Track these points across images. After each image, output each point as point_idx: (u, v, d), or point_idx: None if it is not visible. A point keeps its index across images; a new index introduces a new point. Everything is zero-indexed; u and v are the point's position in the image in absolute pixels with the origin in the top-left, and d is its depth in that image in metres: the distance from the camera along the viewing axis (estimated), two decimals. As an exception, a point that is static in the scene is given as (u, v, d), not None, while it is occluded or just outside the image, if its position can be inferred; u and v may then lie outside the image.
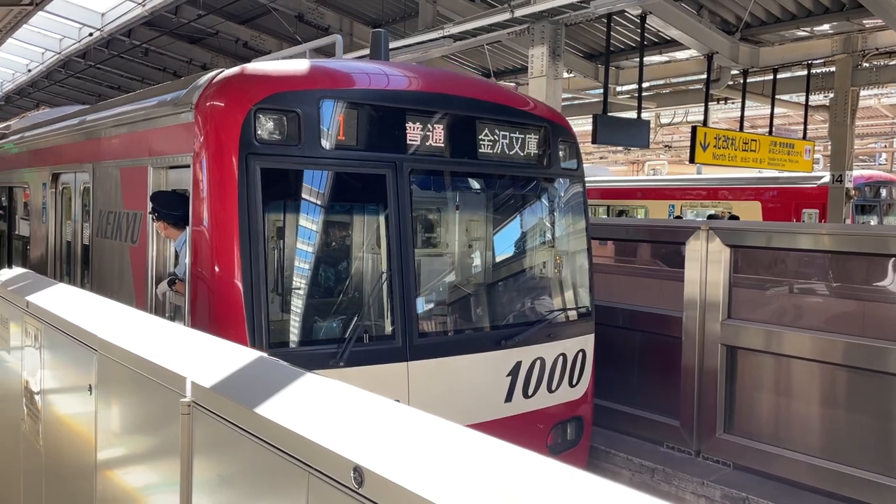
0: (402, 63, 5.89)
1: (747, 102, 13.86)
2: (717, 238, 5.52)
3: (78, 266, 6.58)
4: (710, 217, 14.00)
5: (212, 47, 18.05)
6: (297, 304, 4.57)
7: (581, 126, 30.35)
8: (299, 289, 4.62)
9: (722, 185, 16.12)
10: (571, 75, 14.57)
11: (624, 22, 12.45)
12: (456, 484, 1.30)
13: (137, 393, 2.30)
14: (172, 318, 4.45)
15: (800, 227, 8.66)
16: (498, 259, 5.69)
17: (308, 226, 4.68)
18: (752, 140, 12.65)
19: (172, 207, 4.70)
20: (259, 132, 4.13)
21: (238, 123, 4.10)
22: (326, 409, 1.71)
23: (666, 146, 27.54)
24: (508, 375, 4.88)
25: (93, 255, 6.08)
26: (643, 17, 10.63)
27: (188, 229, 4.33)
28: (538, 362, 5.03)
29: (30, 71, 23.36)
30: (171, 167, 4.86)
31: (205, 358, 2.20)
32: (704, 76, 12.70)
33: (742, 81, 13.22)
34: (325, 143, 4.30)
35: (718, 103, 15.95)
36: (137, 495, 2.36)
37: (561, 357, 5.16)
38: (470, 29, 10.77)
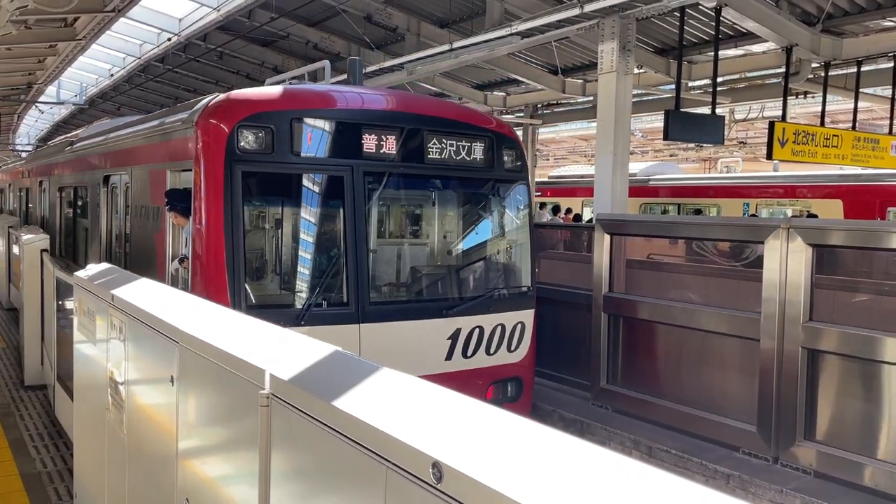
0: (366, 87, 6.94)
1: (828, 96, 13.29)
2: (799, 237, 5.31)
3: (123, 250, 7.80)
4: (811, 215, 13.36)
5: (283, 50, 18.44)
6: (270, 275, 5.85)
7: (651, 123, 29.82)
8: (272, 264, 5.90)
9: (800, 183, 15.53)
10: (642, 71, 14.27)
11: (697, 15, 12.11)
12: (537, 481, 1.28)
13: (217, 385, 2.35)
14: (185, 290, 5.15)
15: (886, 225, 8.25)
16: (442, 243, 6.69)
17: (279, 215, 5.92)
18: (833, 135, 12.13)
19: (181, 201, 5.70)
20: (241, 143, 5.20)
21: (225, 137, 5.18)
22: (403, 403, 1.71)
23: (740, 143, 26.69)
24: (449, 339, 5.85)
25: (132, 241, 7.36)
26: (718, 10, 10.30)
27: (191, 218, 5.37)
28: (477, 330, 5.97)
29: (112, 75, 24.37)
30: (183, 170, 5.92)
31: (281, 351, 2.23)
32: (783, 70, 12.24)
33: (823, 75, 12.69)
34: (294, 152, 5.36)
35: (797, 98, 15.33)
36: (217, 485, 2.42)
37: (499, 327, 6.10)
38: (538, 26, 10.66)
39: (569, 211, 19.42)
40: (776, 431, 5.45)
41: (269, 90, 5.93)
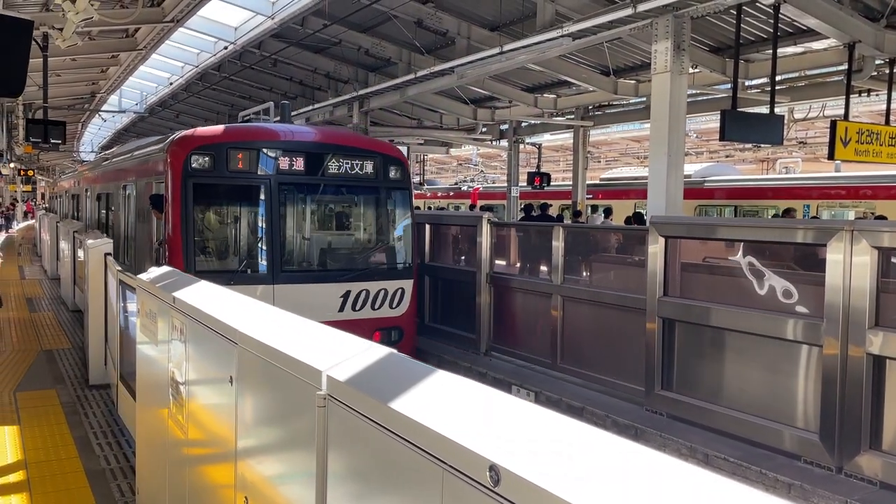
0: (284, 125, 9.46)
1: (894, 94, 12.80)
2: (863, 239, 5.13)
3: (133, 239, 10.34)
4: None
5: (335, 56, 18.68)
6: (212, 250, 8.29)
7: (706, 123, 29.16)
8: (214, 243, 8.36)
9: (863, 183, 15.01)
10: (697, 70, 13.99)
11: (755, 12, 11.83)
12: (595, 486, 1.27)
13: (275, 385, 2.39)
14: (163, 263, 7.20)
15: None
16: (337, 231, 9.22)
17: (218, 211, 8.49)
18: (900, 134, 11.69)
19: (158, 202, 8.06)
20: (193, 165, 7.74)
21: (182, 160, 7.73)
22: (459, 406, 1.71)
23: (800, 143, 25.92)
24: (341, 297, 8.30)
25: (137, 230, 10.02)
26: (776, 7, 10.03)
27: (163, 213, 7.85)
28: (364, 292, 8.44)
29: (171, 84, 25.08)
30: (160, 182, 8.20)
31: (337, 353, 2.25)
32: (845, 67, 11.85)
33: (888, 71, 12.24)
34: (229, 170, 7.89)
35: (860, 96, 14.81)
36: (274, 484, 2.46)
37: (382, 290, 8.57)
38: (590, 27, 10.55)
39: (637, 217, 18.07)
40: (840, 440, 5.27)
41: (214, 128, 8.53)
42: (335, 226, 9.26)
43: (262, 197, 8.10)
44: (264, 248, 8.05)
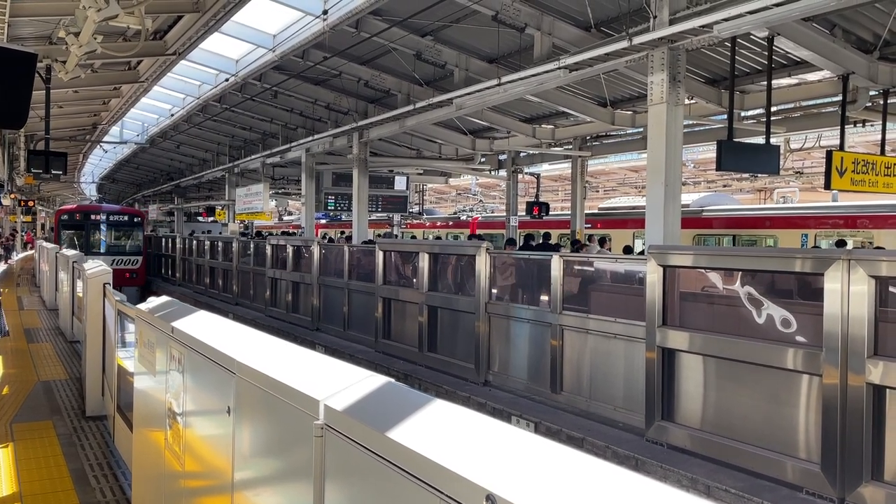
0: (98, 203, 38.43)
1: (888, 124, 12.93)
2: (860, 269, 5.15)
3: (54, 243, 26.90)
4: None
5: (335, 87, 18.88)
6: (70, 242, 27.66)
7: (703, 153, 29.24)
8: (70, 240, 28.33)
9: (861, 213, 15.09)
10: (693, 101, 14.15)
11: (749, 45, 12.00)
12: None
13: (273, 415, 2.39)
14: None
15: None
16: (117, 238, 29.54)
17: (72, 230, 29.31)
18: (895, 164, 11.79)
19: (52, 230, 32.28)
20: (63, 218, 29.84)
21: (58, 216, 30.53)
22: (456, 435, 1.71)
23: (797, 172, 26.11)
24: (112, 260, 25.54)
25: (54, 240, 29.08)
26: (770, 39, 10.19)
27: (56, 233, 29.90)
28: (120, 259, 27.92)
29: (172, 115, 25.29)
30: (53, 222, 33.75)
31: (334, 382, 2.25)
32: (839, 98, 11.99)
33: (882, 102, 12.38)
34: (74, 220, 29.77)
35: (855, 126, 14.97)
36: (271, 515, 2.44)
37: (129, 259, 28.60)
38: (586, 59, 10.69)
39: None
40: (841, 471, 5.23)
41: (73, 205, 40.92)
42: (112, 237, 28.51)
43: (84, 228, 28.29)
44: (84, 244, 27.22)
